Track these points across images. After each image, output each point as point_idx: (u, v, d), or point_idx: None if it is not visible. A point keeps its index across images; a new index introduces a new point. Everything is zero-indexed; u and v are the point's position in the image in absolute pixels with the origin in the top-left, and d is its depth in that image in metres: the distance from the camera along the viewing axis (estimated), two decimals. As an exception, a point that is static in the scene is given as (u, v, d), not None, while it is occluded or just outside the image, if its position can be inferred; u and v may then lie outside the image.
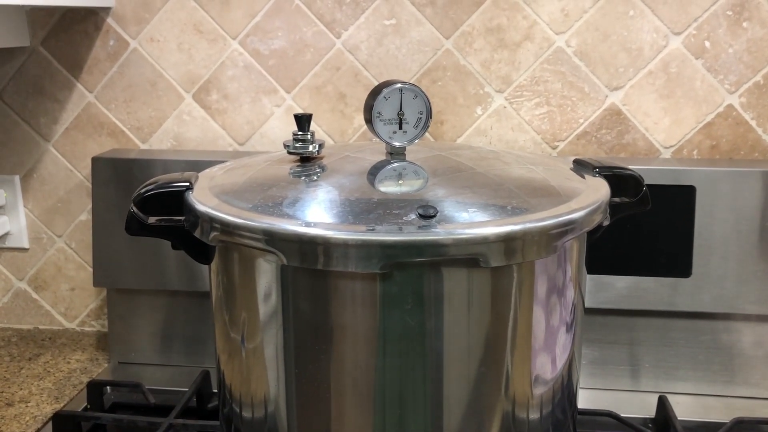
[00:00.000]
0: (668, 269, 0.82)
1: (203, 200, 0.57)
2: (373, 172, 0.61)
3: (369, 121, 0.62)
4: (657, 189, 0.79)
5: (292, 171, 0.62)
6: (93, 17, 0.94)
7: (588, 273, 0.83)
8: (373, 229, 0.50)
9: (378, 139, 0.63)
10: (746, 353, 0.84)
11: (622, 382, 0.86)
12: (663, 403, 0.79)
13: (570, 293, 0.58)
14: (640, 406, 0.82)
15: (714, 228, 0.81)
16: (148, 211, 0.59)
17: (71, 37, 0.95)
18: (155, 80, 0.95)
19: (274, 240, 0.51)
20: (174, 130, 0.96)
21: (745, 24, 0.84)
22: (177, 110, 0.95)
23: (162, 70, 0.94)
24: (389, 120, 0.62)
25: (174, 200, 0.59)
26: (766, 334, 0.84)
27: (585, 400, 0.83)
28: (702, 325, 0.84)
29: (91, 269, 1.02)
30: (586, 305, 0.83)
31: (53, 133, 0.98)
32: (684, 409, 0.81)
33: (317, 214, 0.54)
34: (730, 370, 0.85)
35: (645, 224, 0.81)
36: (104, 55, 0.95)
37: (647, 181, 0.65)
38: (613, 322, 0.85)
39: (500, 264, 0.51)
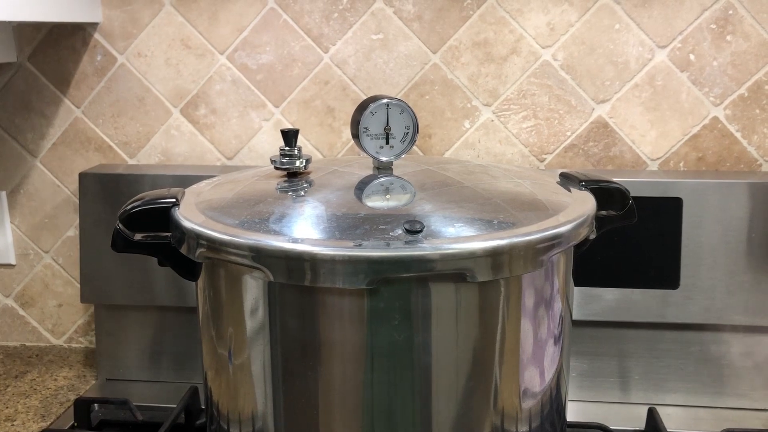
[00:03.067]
0: (656, 281, 0.82)
1: (189, 217, 0.56)
2: (360, 187, 0.61)
3: (356, 136, 0.62)
4: (644, 201, 0.80)
5: (279, 186, 0.62)
6: (80, 33, 0.94)
7: (577, 285, 0.83)
8: (359, 245, 0.50)
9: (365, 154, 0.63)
10: (735, 364, 0.84)
11: (611, 394, 0.86)
12: (653, 415, 0.79)
13: (558, 306, 0.58)
14: (629, 418, 0.82)
15: (701, 239, 0.81)
16: (135, 228, 0.59)
17: (58, 53, 0.94)
18: (143, 95, 0.94)
19: (261, 256, 0.51)
20: (162, 145, 0.96)
21: (728, 37, 0.85)
22: (165, 125, 0.95)
23: (150, 85, 0.94)
24: (376, 135, 0.62)
25: (160, 217, 0.59)
26: (755, 344, 0.84)
27: (575, 412, 0.83)
28: (691, 336, 0.84)
29: (78, 285, 1.01)
30: (575, 318, 0.84)
31: (40, 149, 0.98)
32: (674, 421, 0.81)
33: (304, 229, 0.54)
34: (720, 381, 0.85)
35: (633, 236, 0.81)
36: (92, 71, 0.94)
37: (634, 193, 0.66)
38: (602, 334, 0.85)
39: (487, 279, 0.51)
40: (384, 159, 0.63)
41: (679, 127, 0.88)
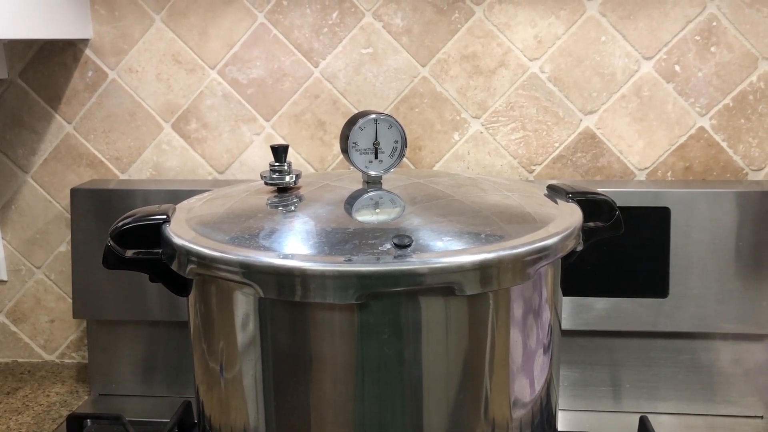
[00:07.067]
0: (646, 290, 0.83)
1: (180, 233, 0.57)
2: (350, 201, 0.61)
3: (345, 150, 0.63)
4: (632, 211, 0.81)
5: (269, 202, 0.63)
6: (71, 49, 0.94)
7: (567, 295, 0.84)
8: (349, 260, 0.50)
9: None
10: (725, 371, 0.85)
11: (603, 403, 0.87)
12: (644, 423, 0.79)
13: (546, 317, 0.59)
14: (621, 426, 0.83)
15: (690, 249, 0.82)
16: (126, 245, 0.59)
17: (49, 69, 0.95)
18: (134, 110, 0.95)
19: (251, 273, 0.52)
20: (153, 159, 0.96)
21: (713, 48, 0.86)
22: (156, 140, 0.95)
23: (141, 100, 0.94)
24: (365, 150, 0.63)
25: (151, 233, 0.59)
26: (745, 352, 0.85)
27: (567, 421, 0.84)
28: (681, 344, 0.85)
29: (70, 300, 1.01)
30: (566, 327, 0.84)
31: (32, 165, 0.98)
32: (665, 429, 0.82)
33: (294, 245, 0.55)
34: (710, 389, 0.85)
35: (622, 246, 0.82)
36: (83, 86, 0.95)
37: (622, 203, 0.66)
38: (594, 343, 0.86)
39: (475, 292, 0.52)
40: (373, 173, 0.63)
41: (666, 137, 0.89)
